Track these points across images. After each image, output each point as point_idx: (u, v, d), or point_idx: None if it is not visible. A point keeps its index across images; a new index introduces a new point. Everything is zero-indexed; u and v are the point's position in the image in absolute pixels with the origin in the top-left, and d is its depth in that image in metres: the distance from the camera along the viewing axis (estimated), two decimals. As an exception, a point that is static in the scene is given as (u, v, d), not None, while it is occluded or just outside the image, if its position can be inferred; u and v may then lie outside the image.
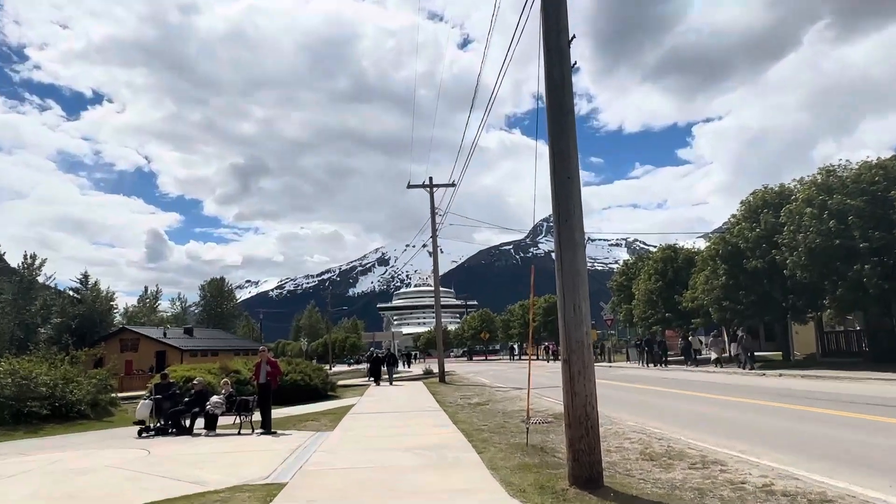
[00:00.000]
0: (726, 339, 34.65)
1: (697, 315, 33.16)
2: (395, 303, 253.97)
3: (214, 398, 13.62)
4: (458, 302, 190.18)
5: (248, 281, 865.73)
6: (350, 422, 13.68)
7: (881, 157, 23.52)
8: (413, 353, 54.59)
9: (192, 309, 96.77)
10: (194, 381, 15.23)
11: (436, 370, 32.69)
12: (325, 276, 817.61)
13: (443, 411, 14.94)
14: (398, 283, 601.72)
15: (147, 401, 13.99)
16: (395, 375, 30.65)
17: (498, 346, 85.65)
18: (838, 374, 20.23)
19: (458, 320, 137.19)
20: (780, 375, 21.97)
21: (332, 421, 13.80)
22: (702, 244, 40.53)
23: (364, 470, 7.71)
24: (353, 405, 18.08)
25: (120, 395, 22.15)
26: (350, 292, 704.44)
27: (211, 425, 13.03)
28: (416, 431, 11.47)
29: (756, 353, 29.40)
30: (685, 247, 41.13)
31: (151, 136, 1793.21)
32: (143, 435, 13.01)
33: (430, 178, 31.12)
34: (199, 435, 12.70)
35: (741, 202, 29.58)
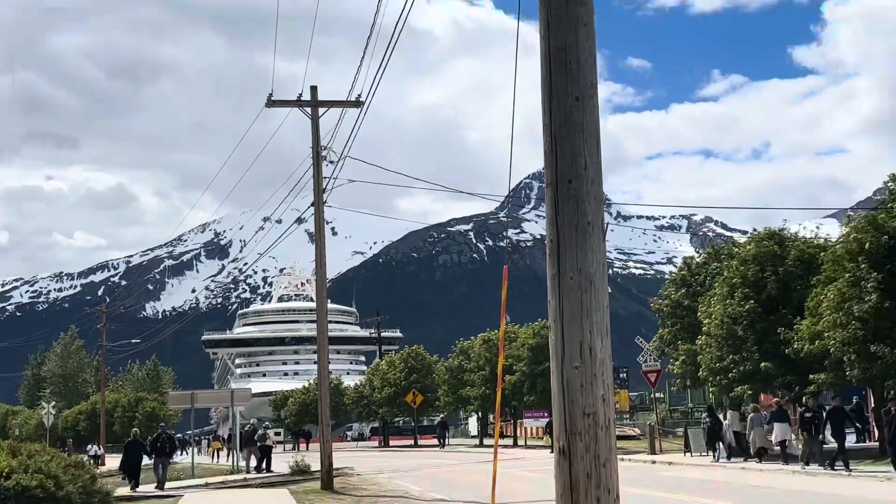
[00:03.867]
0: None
1: (821, 366, 14.84)
2: (240, 332, 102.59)
3: None
4: (365, 333, 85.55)
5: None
6: None
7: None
8: (270, 432, 21.54)
9: None
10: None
11: (315, 466, 15.24)
12: (97, 278, 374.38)
13: None
14: (246, 290, 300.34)
15: None
16: (249, 474, 15.28)
17: (439, 417, 38.75)
18: None
19: (364, 369, 69.16)
20: None
21: None
22: (834, 230, 23.00)
23: None
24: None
25: None
26: (148, 309, 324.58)
27: None
28: None
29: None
30: (802, 235, 20.05)
31: None
32: None
33: (314, 88, 14.04)
34: None
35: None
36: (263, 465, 18.84)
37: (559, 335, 2.28)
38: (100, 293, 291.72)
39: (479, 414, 36.52)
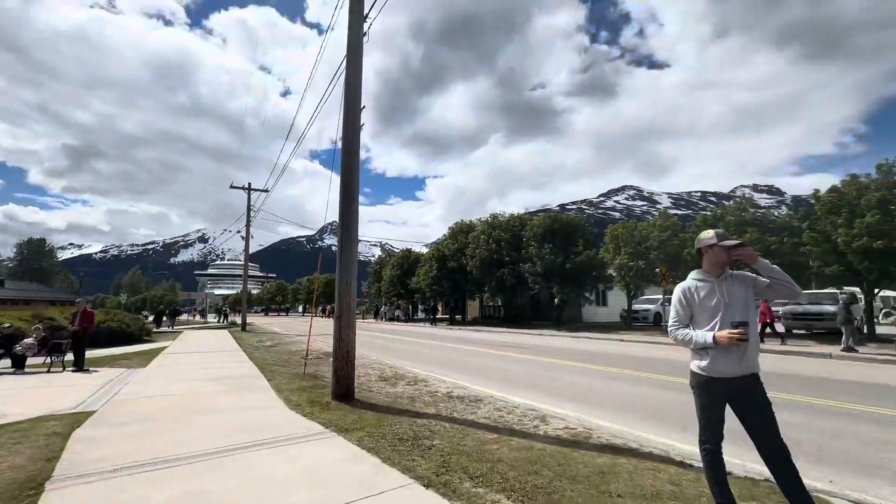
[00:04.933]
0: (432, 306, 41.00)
1: (418, 293, 36.58)
2: (210, 271, 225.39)
3: (26, 340, 10.32)
4: (262, 274, 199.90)
5: (71, 244, 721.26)
6: (161, 360, 11.56)
7: (517, 212, 30.78)
8: (225, 309, 50.23)
9: (5, 263, 75.09)
10: (3, 325, 11.25)
11: (240, 322, 30.59)
12: (150, 247, 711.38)
13: (242, 351, 13.68)
14: (214, 257, 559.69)
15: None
16: (209, 322, 30.84)
17: (288, 306, 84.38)
18: (490, 328, 24.60)
19: (260, 287, 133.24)
20: (460, 329, 25.43)
21: (144, 360, 11.58)
22: (425, 250, 44.60)
23: (172, 397, 6.76)
24: (165, 347, 15.29)
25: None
26: (171, 261, 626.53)
27: (19, 364, 9.72)
28: (220, 366, 10.34)
29: (441, 315, 34.86)
30: (415, 250, 44.90)
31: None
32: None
33: (249, 184, 29.77)
34: (3, 374, 9.41)
35: (449, 227, 34.30)
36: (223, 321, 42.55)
37: (340, 278, 6.99)
38: (150, 254, 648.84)
39: (304, 305, 77.43)
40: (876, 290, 15.94)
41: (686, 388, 6.68)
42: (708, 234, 2.89)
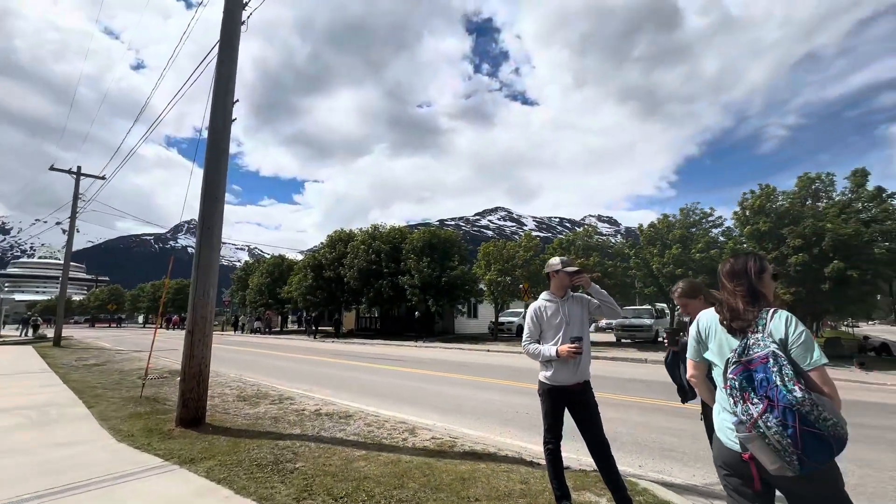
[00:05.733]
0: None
1: (290, 303, 34.57)
2: (12, 270, 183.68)
3: None
4: (89, 277, 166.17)
5: None
6: None
7: (399, 225, 31.09)
8: (35, 319, 37.37)
9: None
10: None
11: (51, 335, 24.78)
12: None
13: (53, 372, 11.06)
14: (18, 253, 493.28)
15: None
16: (6, 336, 23.02)
17: (124, 316, 70.14)
18: (364, 341, 24.31)
19: (86, 292, 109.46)
20: (333, 341, 24.85)
21: None
22: (300, 257, 42.45)
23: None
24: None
25: None
26: None
27: None
28: (18, 392, 8.18)
29: (321, 327, 32.99)
30: (289, 257, 42.69)
31: None
32: None
33: (79, 167, 23.50)
34: None
35: (328, 235, 32.88)
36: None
37: (195, 286, 6.16)
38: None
39: (146, 315, 63.99)
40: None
41: (539, 393, 7.51)
42: (554, 261, 3.35)
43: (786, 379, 1.70)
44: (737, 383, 1.80)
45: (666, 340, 3.66)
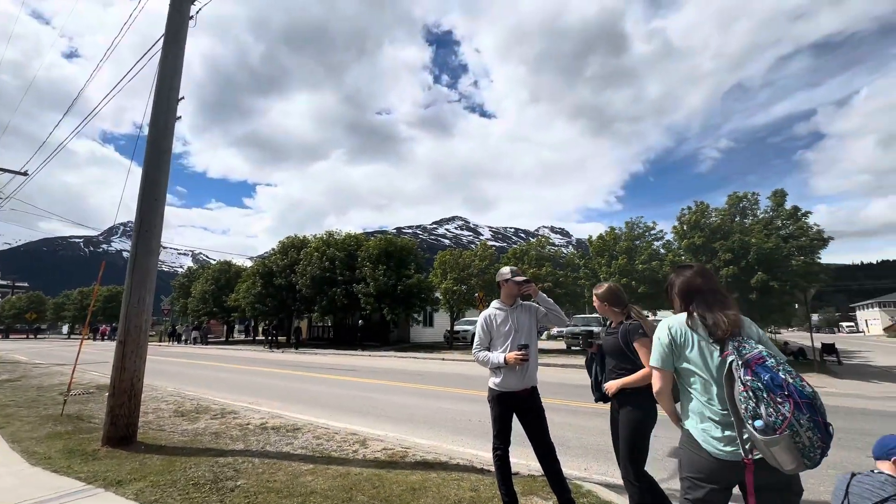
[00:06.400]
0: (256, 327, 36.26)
1: (237, 311, 32.89)
2: None
3: None
4: (4, 282, 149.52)
5: None
6: None
7: (355, 232, 30.55)
8: None
9: None
10: None
11: None
12: None
13: None
14: None
15: None
16: None
17: (44, 326, 63.50)
18: (316, 351, 23.52)
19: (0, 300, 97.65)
20: (283, 351, 23.91)
21: None
22: (249, 263, 40.60)
23: None
24: None
25: None
26: None
27: None
28: None
29: (275, 337, 31.52)
30: (237, 263, 40.77)
31: None
32: None
33: None
34: None
35: (280, 241, 31.61)
36: None
37: (129, 292, 5.74)
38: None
39: (70, 324, 58.17)
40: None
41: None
42: (504, 270, 3.44)
43: (792, 375, 1.68)
44: (759, 384, 1.70)
45: (582, 344, 3.86)
